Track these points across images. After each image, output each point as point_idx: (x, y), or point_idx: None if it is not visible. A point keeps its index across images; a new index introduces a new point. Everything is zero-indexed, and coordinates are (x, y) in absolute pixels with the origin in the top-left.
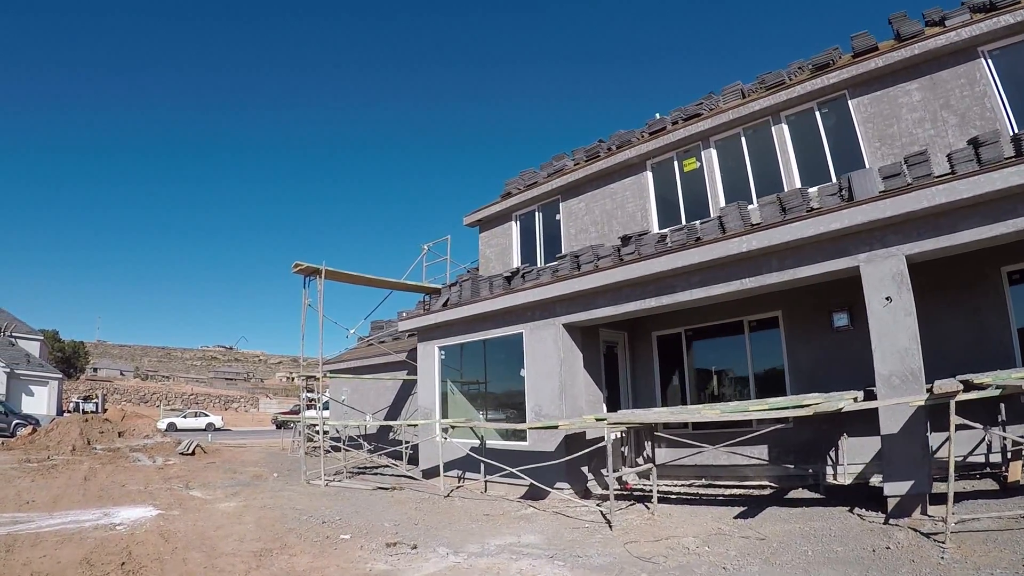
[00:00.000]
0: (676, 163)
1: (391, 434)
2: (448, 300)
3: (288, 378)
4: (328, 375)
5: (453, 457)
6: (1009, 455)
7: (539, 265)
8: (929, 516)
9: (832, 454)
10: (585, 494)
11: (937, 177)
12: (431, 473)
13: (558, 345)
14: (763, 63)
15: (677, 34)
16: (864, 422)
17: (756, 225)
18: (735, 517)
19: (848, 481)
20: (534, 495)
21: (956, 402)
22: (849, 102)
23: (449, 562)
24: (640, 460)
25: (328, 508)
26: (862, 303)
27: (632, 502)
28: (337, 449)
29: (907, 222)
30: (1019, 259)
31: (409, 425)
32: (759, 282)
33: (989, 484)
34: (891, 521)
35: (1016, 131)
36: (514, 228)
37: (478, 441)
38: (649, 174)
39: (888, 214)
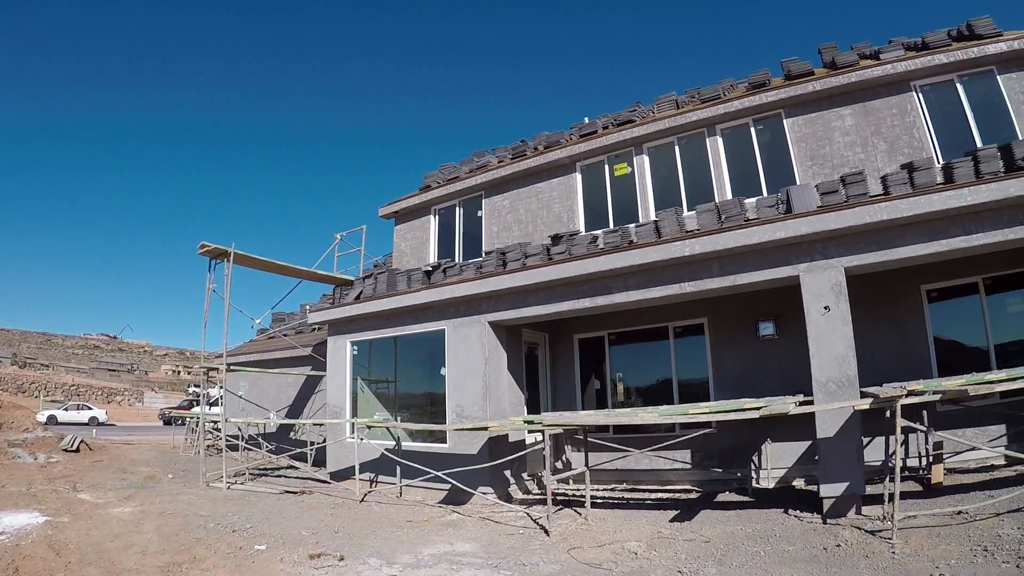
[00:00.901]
0: (607, 167)
1: (292, 433)
2: (362, 293)
3: (174, 371)
4: (231, 368)
5: (365, 459)
6: (931, 458)
7: (457, 261)
8: (863, 516)
9: (755, 458)
10: (507, 498)
11: (874, 196)
12: (341, 476)
13: (484, 344)
14: (689, 79)
15: (598, 44)
16: (787, 428)
17: (692, 232)
18: (671, 520)
19: (772, 485)
20: (454, 499)
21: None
22: (784, 121)
23: (383, 574)
24: (559, 464)
25: (235, 514)
26: (788, 313)
27: (559, 507)
28: (235, 448)
29: (849, 236)
30: (937, 278)
31: (315, 424)
32: (699, 286)
33: (913, 486)
34: (828, 521)
35: (942, 162)
36: (432, 222)
37: (393, 442)
38: (578, 176)
39: (832, 227)
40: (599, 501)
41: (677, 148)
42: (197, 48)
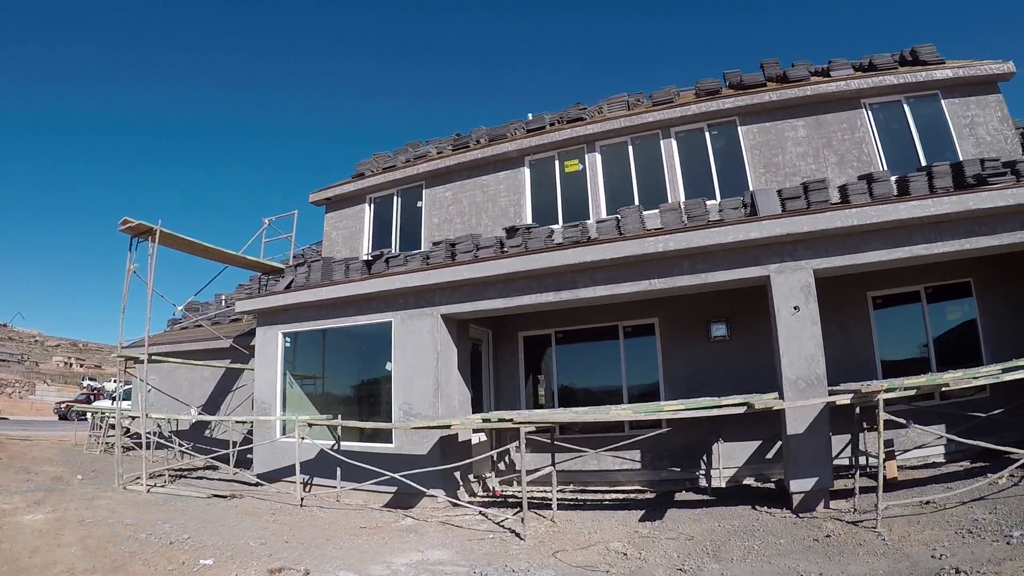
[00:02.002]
0: (557, 163)
1: (208, 431)
2: (293, 281)
3: (67, 363)
4: (153, 359)
5: (298, 459)
6: (883, 455)
7: (393, 252)
8: (831, 510)
9: (706, 458)
10: (455, 502)
11: (835, 204)
12: (270, 478)
13: (435, 338)
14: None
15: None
16: (737, 428)
17: (663, 229)
18: (641, 520)
19: (723, 484)
20: (401, 503)
21: (833, 408)
22: (739, 128)
23: None
24: (502, 466)
25: (166, 522)
26: (739, 315)
27: (516, 509)
28: (147, 448)
29: (818, 239)
30: (883, 286)
31: (239, 422)
32: (670, 283)
33: (868, 482)
34: (800, 515)
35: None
36: (367, 211)
37: (332, 442)
38: (527, 170)
39: (805, 229)
40: (554, 503)
41: (631, 148)
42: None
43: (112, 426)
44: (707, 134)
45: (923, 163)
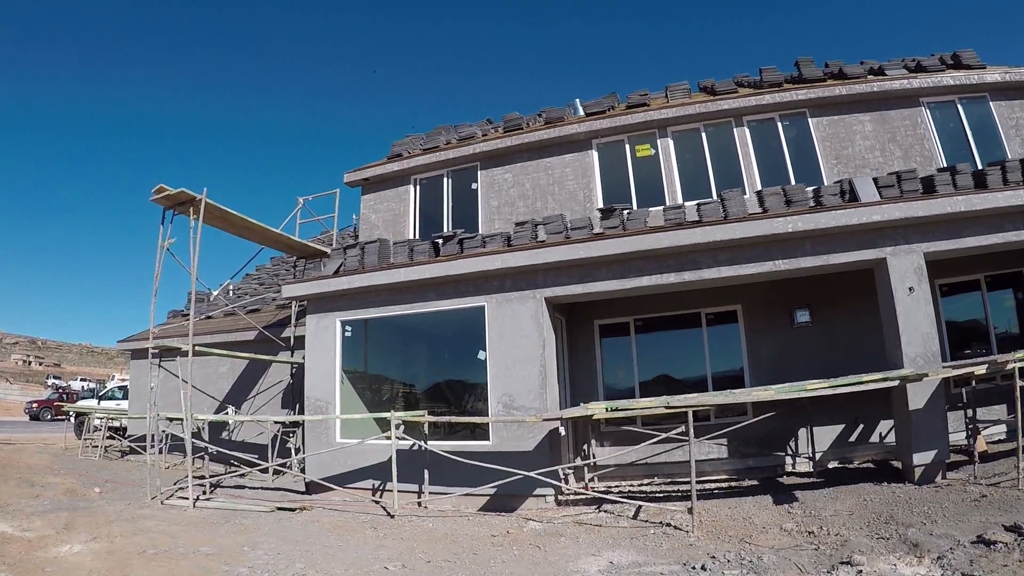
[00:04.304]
0: (628, 147)
1: (226, 432)
2: (342, 265)
3: (25, 361)
4: (198, 350)
5: (366, 464)
6: (972, 431)
7: (468, 233)
8: (948, 480)
9: (793, 444)
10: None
11: (922, 193)
12: (321, 486)
13: (540, 323)
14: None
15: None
16: (823, 413)
17: (780, 211)
18: (776, 504)
19: (808, 468)
20: (501, 506)
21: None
22: (809, 120)
23: None
24: (578, 460)
25: (254, 548)
26: (819, 301)
27: (616, 504)
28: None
29: (928, 224)
30: (946, 275)
31: (290, 423)
32: (793, 264)
33: (959, 456)
34: (924, 486)
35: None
36: (412, 192)
37: (410, 441)
38: (595, 153)
39: (920, 214)
40: (660, 495)
41: (704, 135)
42: None
43: (112, 428)
44: (779, 124)
45: (977, 160)
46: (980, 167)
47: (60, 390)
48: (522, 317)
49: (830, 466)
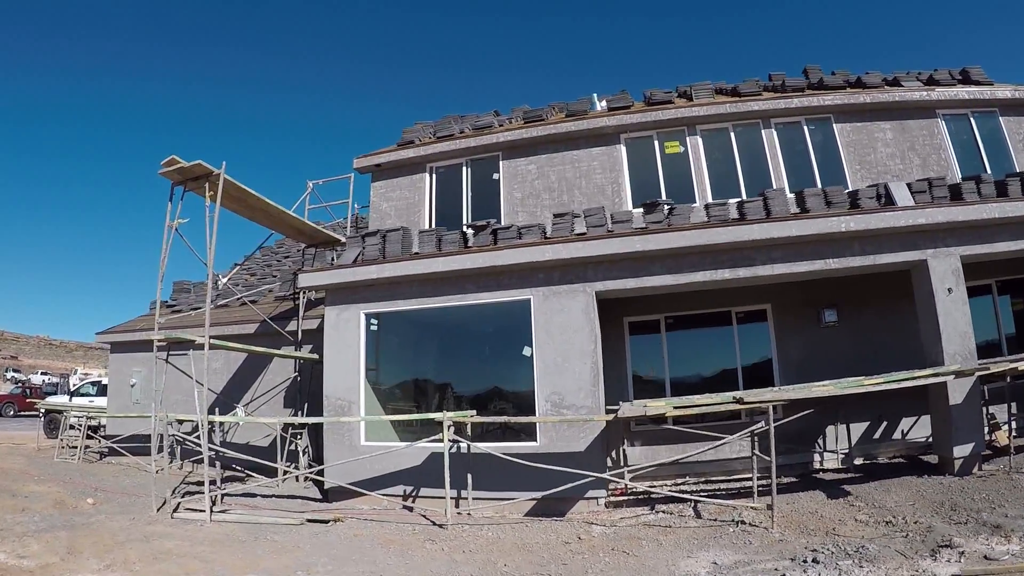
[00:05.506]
0: (656, 143)
1: (221, 434)
2: (361, 254)
3: None
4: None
5: (399, 468)
6: (991, 426)
7: (501, 224)
8: (983, 471)
9: (821, 441)
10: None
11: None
12: (341, 493)
13: (591, 318)
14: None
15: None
16: (851, 410)
17: (852, 210)
18: (829, 498)
19: (836, 464)
20: (550, 510)
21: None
22: (834, 125)
23: None
24: (608, 461)
25: (306, 571)
26: (845, 301)
27: (663, 503)
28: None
29: (964, 228)
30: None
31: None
32: (843, 264)
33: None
34: (963, 477)
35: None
36: (427, 181)
37: (441, 444)
38: (623, 148)
39: (960, 218)
40: (706, 493)
41: (732, 134)
42: None
43: (91, 427)
44: (805, 128)
45: (988, 170)
46: (999, 178)
47: (22, 384)
48: (572, 311)
49: (856, 462)
